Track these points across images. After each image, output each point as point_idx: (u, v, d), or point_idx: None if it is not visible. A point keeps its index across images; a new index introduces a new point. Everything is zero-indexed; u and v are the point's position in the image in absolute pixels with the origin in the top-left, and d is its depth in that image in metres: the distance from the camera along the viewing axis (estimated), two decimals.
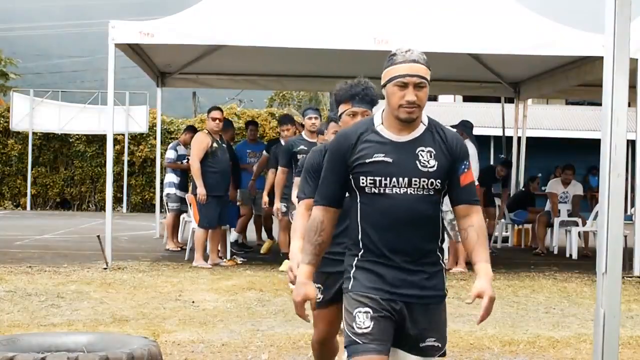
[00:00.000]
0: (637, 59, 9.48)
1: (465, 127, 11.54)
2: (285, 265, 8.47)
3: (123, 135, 23.20)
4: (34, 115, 23.30)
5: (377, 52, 10.59)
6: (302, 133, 8.45)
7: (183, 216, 12.87)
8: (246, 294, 8.78)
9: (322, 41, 10.81)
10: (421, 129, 3.40)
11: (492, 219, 13.54)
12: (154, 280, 9.57)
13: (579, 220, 13.64)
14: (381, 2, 11.19)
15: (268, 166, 11.67)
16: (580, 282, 10.21)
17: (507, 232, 15.54)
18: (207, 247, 11.12)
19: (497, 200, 14.17)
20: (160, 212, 15.37)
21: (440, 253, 3.45)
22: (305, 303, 3.50)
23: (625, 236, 4.27)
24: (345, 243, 3.66)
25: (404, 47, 3.40)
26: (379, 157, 3.34)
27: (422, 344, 3.43)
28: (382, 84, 3.39)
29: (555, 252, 13.87)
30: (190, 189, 11.62)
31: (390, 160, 3.33)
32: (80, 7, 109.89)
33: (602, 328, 3.68)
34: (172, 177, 13.09)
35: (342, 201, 3.48)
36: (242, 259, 11.53)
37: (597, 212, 11.79)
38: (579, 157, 22.51)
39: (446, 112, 24.83)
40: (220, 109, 11.23)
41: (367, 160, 3.35)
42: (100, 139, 22.51)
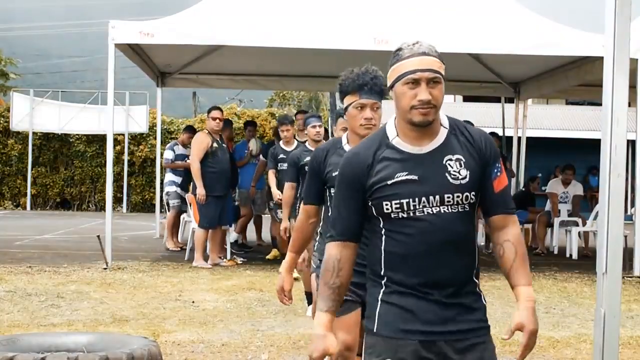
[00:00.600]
0: (637, 59, 9.48)
1: None
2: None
3: (123, 135, 23.19)
4: (34, 115, 23.29)
5: (377, 52, 10.60)
6: (305, 143, 7.58)
7: (183, 216, 12.88)
8: (246, 294, 8.78)
9: (322, 41, 10.81)
10: (443, 133, 2.87)
11: None
12: (154, 280, 9.57)
13: (579, 220, 13.65)
14: (381, 2, 11.19)
15: (267, 168, 11.47)
16: (581, 282, 10.21)
17: None
18: (207, 247, 11.13)
19: None
20: (161, 212, 15.37)
21: (477, 279, 2.91)
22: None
23: (625, 236, 4.27)
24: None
25: (410, 40, 2.88)
26: (401, 176, 2.80)
27: None
28: (388, 85, 2.88)
29: (556, 252, 13.87)
30: (191, 188, 11.62)
31: (416, 178, 2.80)
32: (80, 7, 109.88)
33: (602, 328, 3.68)
34: (172, 177, 13.09)
35: (361, 233, 2.92)
36: (242, 259, 11.54)
37: (597, 212, 11.79)
38: (579, 157, 22.50)
39: (446, 112, 24.72)
40: (220, 109, 11.26)
41: (388, 182, 2.81)
42: (100, 139, 22.50)
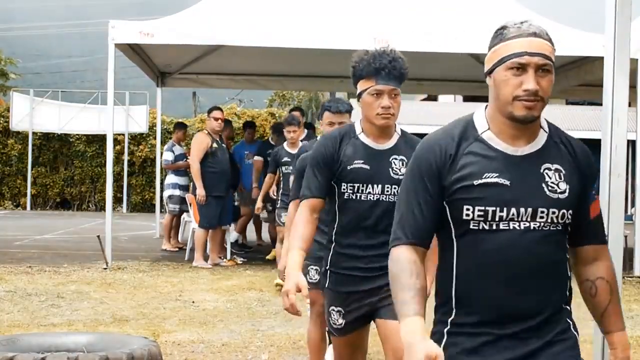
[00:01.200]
0: (637, 59, 9.49)
1: None
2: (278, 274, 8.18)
3: (123, 135, 23.18)
4: (34, 115, 23.28)
5: None
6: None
7: (183, 216, 12.88)
8: (246, 294, 8.78)
9: (322, 41, 10.81)
10: (543, 137, 2.40)
11: None
12: (154, 280, 9.57)
13: None
14: (381, 2, 11.20)
15: (265, 171, 11.33)
16: None
17: None
18: (207, 247, 11.13)
19: None
20: (161, 212, 15.37)
21: (569, 304, 2.46)
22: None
23: (626, 236, 4.26)
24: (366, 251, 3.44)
25: (517, 19, 2.44)
26: (490, 177, 2.32)
27: None
28: (486, 70, 2.42)
29: None
30: (191, 189, 11.63)
31: (507, 183, 2.32)
32: (80, 7, 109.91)
33: None
34: (174, 179, 13.00)
35: (431, 241, 2.42)
36: (242, 259, 11.54)
37: None
38: None
39: (446, 112, 24.84)
40: (221, 109, 11.28)
41: (474, 182, 2.32)
42: (100, 139, 22.49)
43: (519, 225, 2.31)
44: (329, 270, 3.76)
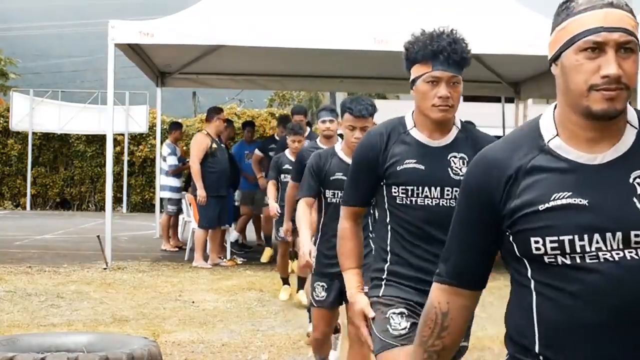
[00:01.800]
0: None
1: None
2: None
3: (123, 135, 23.18)
4: (34, 115, 23.28)
5: (377, 52, 10.62)
6: (316, 140, 6.53)
7: (183, 216, 12.87)
8: (246, 294, 8.78)
9: (322, 41, 10.81)
10: (631, 134, 1.84)
11: None
12: (154, 280, 9.57)
13: None
14: (381, 2, 11.20)
15: (267, 176, 10.16)
16: None
17: None
18: (207, 247, 11.13)
19: None
20: (160, 212, 15.36)
21: None
22: None
23: None
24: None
25: None
26: (561, 198, 1.80)
27: None
28: (550, 56, 1.88)
29: None
30: (191, 189, 11.62)
31: (585, 203, 1.79)
32: (80, 7, 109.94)
33: None
34: (174, 182, 12.98)
35: (485, 279, 1.99)
36: (242, 259, 11.54)
37: None
38: None
39: None
40: (222, 110, 11.41)
41: (540, 207, 1.81)
42: (100, 139, 22.48)
43: (611, 256, 1.75)
44: (384, 280, 3.22)
